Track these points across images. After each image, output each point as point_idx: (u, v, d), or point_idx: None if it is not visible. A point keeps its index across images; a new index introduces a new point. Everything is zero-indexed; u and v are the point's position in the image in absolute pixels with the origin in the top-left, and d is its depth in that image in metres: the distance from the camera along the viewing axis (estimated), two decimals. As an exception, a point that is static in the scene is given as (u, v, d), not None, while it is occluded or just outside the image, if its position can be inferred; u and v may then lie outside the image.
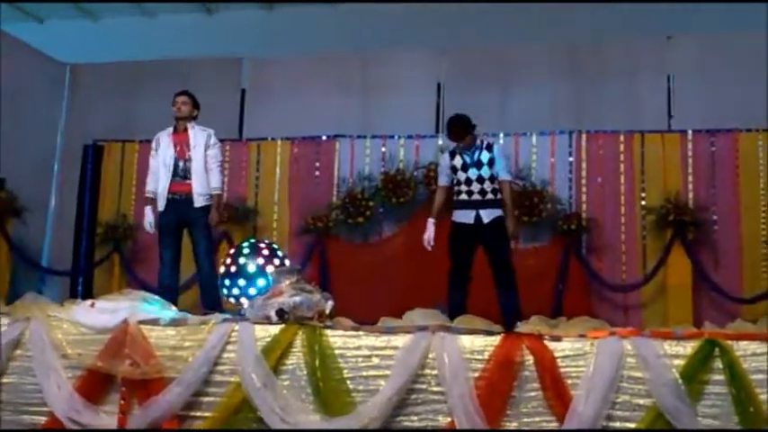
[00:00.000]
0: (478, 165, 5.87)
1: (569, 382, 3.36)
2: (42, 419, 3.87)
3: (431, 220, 5.98)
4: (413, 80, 8.77)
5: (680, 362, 3.29)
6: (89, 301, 4.23)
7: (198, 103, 6.14)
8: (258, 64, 9.25)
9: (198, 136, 6.02)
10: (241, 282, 5.58)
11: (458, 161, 5.93)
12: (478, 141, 5.97)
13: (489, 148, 5.96)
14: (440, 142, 8.31)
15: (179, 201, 5.92)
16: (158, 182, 5.98)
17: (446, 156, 6.06)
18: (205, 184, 5.95)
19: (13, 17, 9.44)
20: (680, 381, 3.23)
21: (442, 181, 6.08)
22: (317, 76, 8.96)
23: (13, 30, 9.02)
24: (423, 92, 8.75)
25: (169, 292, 5.69)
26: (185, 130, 6.03)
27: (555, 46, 8.49)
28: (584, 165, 8.17)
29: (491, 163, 5.89)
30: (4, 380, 3.97)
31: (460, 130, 5.93)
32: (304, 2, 9.22)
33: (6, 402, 3.95)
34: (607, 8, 8.35)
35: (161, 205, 5.97)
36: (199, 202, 5.92)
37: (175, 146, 5.99)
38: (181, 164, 5.96)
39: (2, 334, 3.98)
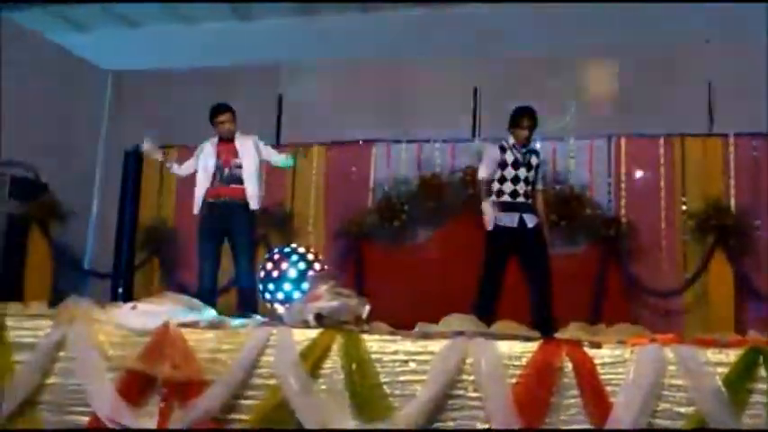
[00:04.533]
0: (528, 166, 5.74)
1: (609, 389, 3.32)
2: (85, 419, 3.93)
3: (487, 203, 5.68)
4: (449, 84, 8.76)
5: (723, 370, 3.24)
6: (130, 304, 4.29)
7: (235, 113, 6.23)
8: (295, 70, 9.32)
9: (245, 143, 6.13)
10: (278, 286, 5.62)
11: (509, 156, 5.71)
12: (531, 143, 5.88)
13: (537, 153, 5.88)
14: (476, 143, 8.28)
15: (223, 205, 6.03)
16: (200, 184, 6.08)
17: (495, 148, 5.78)
18: (259, 186, 6.07)
19: (56, 25, 9.62)
20: (723, 389, 3.18)
21: (486, 173, 5.77)
22: (352, 81, 9.00)
23: (57, 38, 9.21)
24: (459, 96, 8.73)
25: (209, 296, 5.77)
26: (231, 139, 6.12)
27: (592, 50, 8.42)
28: (623, 169, 8.09)
29: (537, 168, 5.81)
30: (49, 381, 4.04)
31: (534, 122, 5.74)
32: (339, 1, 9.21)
33: (50, 402, 4.02)
34: (646, 12, 8.25)
35: (196, 209, 6.05)
36: (254, 204, 6.04)
37: (219, 154, 6.09)
38: (226, 170, 6.07)
39: (45, 336, 4.05)
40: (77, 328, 4.03)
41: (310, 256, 5.88)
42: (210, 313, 4.32)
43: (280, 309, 5.41)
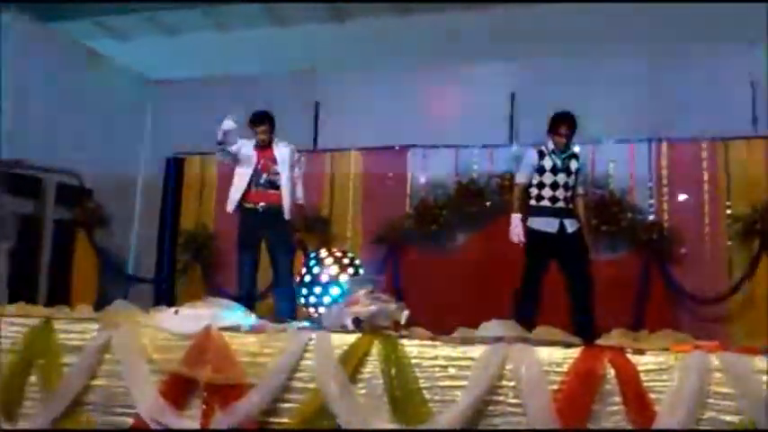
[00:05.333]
0: (567, 172, 5.69)
1: (653, 396, 3.28)
2: (129, 420, 3.99)
3: (517, 216, 5.69)
4: (486, 89, 8.71)
5: (770, 377, 3.18)
6: (173, 309, 4.35)
7: (274, 120, 6.27)
8: (331, 76, 9.34)
9: (283, 151, 6.20)
10: (317, 290, 5.64)
11: (547, 162, 5.67)
12: (571, 147, 5.83)
13: (577, 157, 5.81)
14: (513, 148, 8.24)
15: (262, 211, 6.10)
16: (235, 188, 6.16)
17: (533, 153, 5.74)
18: (291, 198, 6.11)
19: (99, 35, 9.80)
20: (771, 397, 3.12)
21: (523, 179, 5.76)
22: (389, 86, 9.00)
23: (100, 47, 9.39)
24: (496, 101, 8.68)
25: (248, 300, 5.83)
26: (269, 145, 6.18)
27: (632, 52, 8.31)
28: (664, 173, 7.98)
29: (577, 173, 5.75)
30: (95, 382, 4.12)
31: (573, 128, 5.70)
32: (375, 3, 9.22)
33: (96, 404, 4.10)
34: (687, 12, 8.13)
35: (231, 207, 6.16)
36: (287, 215, 6.08)
37: (258, 160, 6.15)
38: (264, 176, 6.13)
39: (92, 339, 4.13)
40: (122, 331, 4.10)
41: (348, 261, 5.89)
42: (251, 317, 4.35)
43: (318, 313, 5.43)
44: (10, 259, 7.45)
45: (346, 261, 5.88)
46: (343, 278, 5.61)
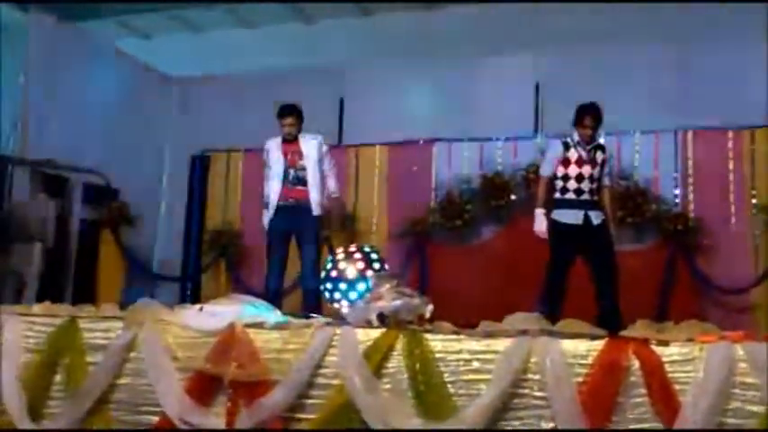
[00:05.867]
0: (593, 163, 5.66)
1: (678, 387, 3.24)
2: (155, 419, 4.02)
3: (540, 211, 5.71)
4: (510, 81, 8.69)
5: (797, 367, 3.14)
6: (197, 306, 4.37)
7: (302, 114, 6.27)
8: (356, 70, 9.36)
9: (309, 145, 6.18)
10: (342, 286, 5.63)
11: (572, 154, 5.65)
12: (596, 139, 5.79)
13: (603, 148, 5.78)
14: (538, 140, 8.21)
15: (291, 207, 6.11)
16: (271, 190, 6.17)
17: (558, 145, 5.73)
18: (321, 192, 6.11)
19: (123, 33, 9.89)
20: (797, 387, 3.09)
21: (548, 171, 5.77)
22: (413, 80, 9.02)
23: (123, 45, 9.48)
24: (521, 92, 8.67)
25: (275, 297, 5.86)
26: (296, 139, 6.19)
27: (657, 42, 8.23)
28: (690, 163, 7.91)
29: (603, 164, 5.72)
30: (120, 381, 4.15)
31: (600, 119, 5.66)
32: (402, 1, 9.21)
33: (122, 402, 4.13)
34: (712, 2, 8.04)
35: (272, 212, 6.13)
36: (316, 210, 6.09)
37: (286, 154, 6.17)
38: (292, 171, 6.15)
39: (117, 337, 4.17)
40: (147, 329, 4.13)
41: (373, 256, 5.88)
42: (276, 314, 4.37)
43: (343, 309, 5.44)
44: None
45: (371, 257, 5.87)
46: (369, 274, 5.60)
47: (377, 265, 5.73)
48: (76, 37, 8.89)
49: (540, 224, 5.70)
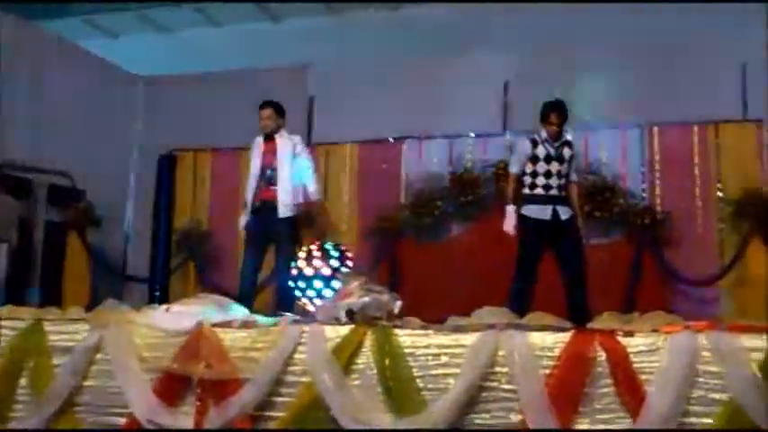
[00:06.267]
0: (560, 160, 5.71)
1: (643, 377, 3.28)
2: (122, 420, 3.99)
3: (511, 208, 5.75)
4: (479, 79, 8.71)
5: (758, 355, 3.18)
6: (164, 306, 4.35)
7: (283, 111, 6.23)
8: (325, 70, 9.34)
9: (284, 144, 6.12)
10: (310, 284, 5.64)
11: (541, 151, 5.70)
12: (563, 135, 5.84)
13: (570, 145, 5.83)
14: (507, 137, 8.25)
15: (265, 208, 6.06)
16: (249, 189, 6.16)
17: (526, 142, 5.77)
18: (290, 193, 6.04)
19: (88, 32, 9.77)
20: (758, 375, 3.13)
21: (516, 168, 5.82)
22: (382, 78, 9.00)
23: (88, 45, 9.36)
24: (490, 90, 8.69)
25: (247, 298, 5.83)
26: (273, 138, 6.14)
27: (623, 38, 8.31)
28: (656, 158, 8.00)
29: (570, 160, 5.77)
30: (87, 383, 4.11)
31: (566, 116, 5.71)
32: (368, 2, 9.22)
33: (89, 404, 4.09)
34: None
35: (248, 212, 6.12)
36: (283, 212, 6.02)
37: (264, 154, 6.13)
38: (268, 172, 6.10)
39: (82, 339, 4.12)
40: (113, 331, 4.09)
41: (341, 254, 5.89)
42: (243, 312, 4.35)
43: (312, 306, 5.44)
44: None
45: (340, 254, 5.88)
46: (337, 271, 5.61)
47: (346, 263, 5.75)
48: (41, 36, 8.77)
49: (510, 222, 5.74)
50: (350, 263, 5.86)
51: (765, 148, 7.62)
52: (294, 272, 5.70)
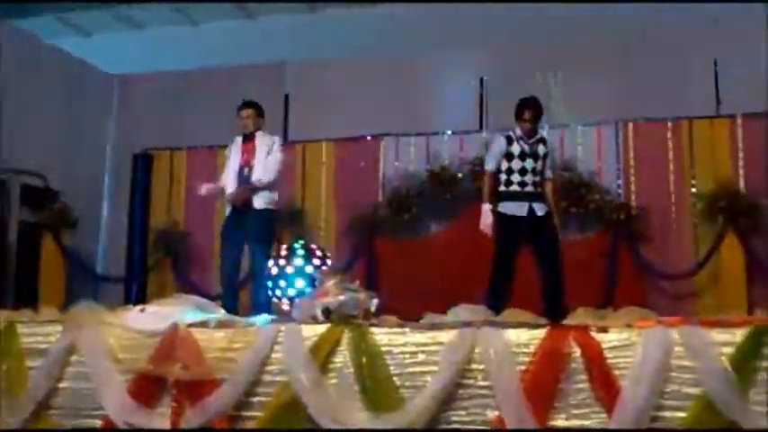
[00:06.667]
0: (535, 157, 5.74)
1: (617, 373, 3.31)
2: (98, 422, 3.95)
3: (487, 206, 5.77)
4: (456, 76, 8.75)
5: (729, 350, 3.22)
6: (139, 307, 4.32)
7: (262, 111, 6.23)
8: (301, 67, 9.32)
9: (261, 144, 6.13)
10: (287, 283, 5.63)
11: (515, 148, 5.72)
12: (538, 132, 5.87)
13: (545, 141, 5.87)
14: (483, 134, 8.28)
15: (242, 207, 6.02)
16: (226, 183, 6.14)
17: (501, 140, 5.80)
18: (266, 192, 6.02)
19: (61, 31, 9.67)
20: (729, 369, 3.17)
21: (491, 166, 5.84)
22: (358, 76, 9.00)
23: (61, 43, 9.27)
24: (466, 88, 8.71)
25: (230, 296, 5.82)
26: (253, 138, 6.13)
27: (599, 36, 8.36)
28: (631, 154, 8.07)
29: (545, 157, 5.80)
30: (61, 385, 4.07)
31: (539, 112, 5.74)
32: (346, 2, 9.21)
33: (64, 406, 4.05)
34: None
35: (227, 210, 6.13)
36: (258, 203, 6.04)
37: (243, 153, 6.13)
38: (245, 170, 6.10)
39: (56, 341, 4.08)
40: (87, 332, 4.05)
41: (317, 252, 5.88)
42: (219, 313, 4.33)
43: (288, 306, 5.42)
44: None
45: (316, 253, 5.86)
46: (313, 270, 5.60)
47: (322, 262, 5.74)
48: (12, 34, 8.67)
49: (486, 221, 5.76)
50: (330, 262, 5.85)
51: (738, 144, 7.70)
52: (275, 270, 5.67)
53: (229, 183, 6.14)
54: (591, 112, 8.20)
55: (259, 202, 6.04)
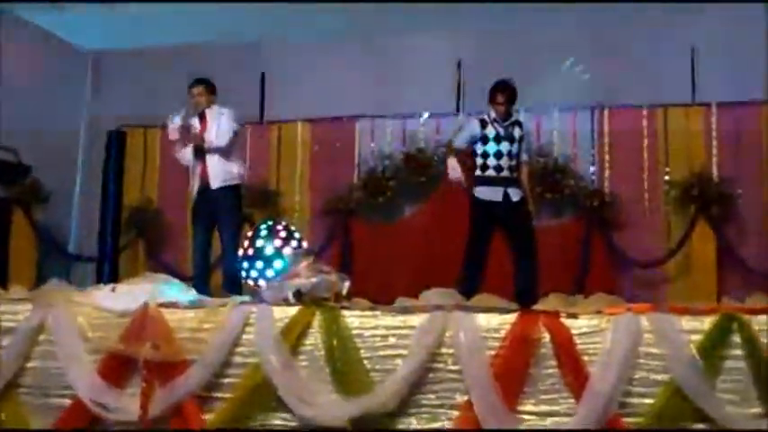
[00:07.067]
0: (511, 140, 5.72)
1: (586, 359, 3.35)
2: (67, 402, 3.92)
3: (453, 160, 5.74)
4: (432, 58, 8.69)
5: (697, 337, 3.26)
6: (110, 286, 4.29)
7: (214, 87, 6.15)
8: (277, 45, 9.22)
9: (213, 118, 6.06)
10: (258, 264, 5.61)
11: (490, 131, 5.70)
12: (513, 116, 5.85)
13: (520, 124, 5.85)
14: (460, 117, 8.26)
15: (204, 185, 5.99)
16: (189, 161, 6.09)
17: (475, 123, 5.78)
18: (220, 165, 5.97)
19: (34, 6, 9.48)
20: (697, 356, 3.21)
21: (461, 144, 5.84)
22: (336, 56, 8.92)
23: (35, 18, 9.09)
24: (442, 70, 8.67)
25: (201, 278, 5.79)
26: (205, 116, 6.08)
27: (576, 20, 8.35)
28: (606, 140, 8.09)
29: (521, 140, 5.79)
30: (29, 364, 4.03)
31: (513, 95, 5.71)
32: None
33: (32, 386, 4.02)
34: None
35: (195, 191, 6.09)
36: (215, 183, 5.96)
37: (200, 131, 6.05)
38: (204, 148, 6.01)
39: (25, 320, 4.04)
40: (56, 311, 4.02)
41: (290, 234, 5.86)
42: (191, 293, 4.31)
43: (260, 287, 5.40)
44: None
45: (288, 234, 5.84)
46: (285, 251, 5.58)
47: (294, 243, 5.73)
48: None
49: (454, 169, 5.71)
50: (303, 243, 5.82)
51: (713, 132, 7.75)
52: (250, 251, 5.64)
53: (194, 163, 6.08)
54: (567, 97, 8.20)
55: (217, 181, 5.97)
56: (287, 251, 5.51)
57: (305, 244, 5.90)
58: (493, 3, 7.95)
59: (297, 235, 5.89)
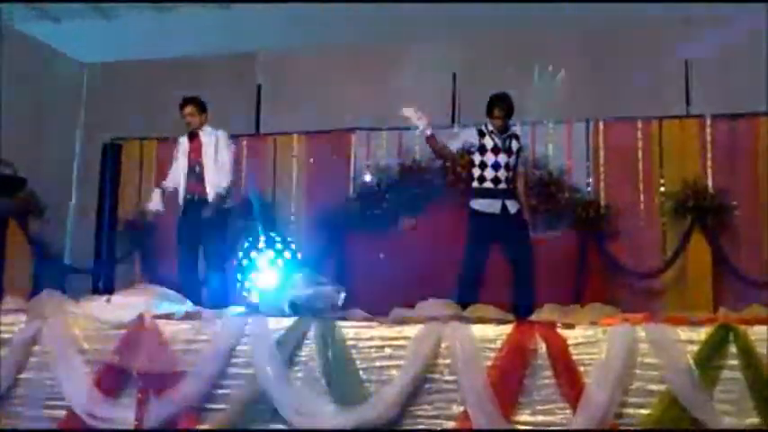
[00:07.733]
0: (508, 152, 5.73)
1: (582, 369, 3.35)
2: (61, 413, 3.91)
3: (409, 110, 5.77)
4: (428, 70, 8.70)
5: (693, 347, 3.26)
6: (105, 297, 4.28)
7: (204, 107, 6.17)
8: (273, 59, 9.24)
9: (207, 140, 6.09)
10: (254, 275, 5.60)
11: (488, 142, 5.68)
12: (510, 129, 5.87)
13: (517, 137, 5.87)
14: (455, 130, 8.26)
15: (193, 202, 6.02)
16: (177, 183, 6.10)
17: (473, 132, 5.78)
18: (214, 177, 6.00)
19: (30, 17, 9.49)
20: (693, 366, 3.20)
21: (455, 147, 5.87)
22: (331, 69, 8.94)
23: (31, 30, 9.11)
24: (437, 82, 8.68)
25: (191, 291, 5.76)
26: (197, 135, 6.08)
27: (570, 33, 8.39)
28: (601, 152, 8.10)
29: (518, 153, 5.80)
30: (23, 375, 4.02)
31: (511, 109, 5.73)
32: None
33: (26, 397, 4.00)
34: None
35: (181, 208, 6.09)
36: (213, 197, 5.96)
37: (190, 152, 6.09)
38: (196, 168, 6.06)
39: (20, 331, 4.03)
40: (51, 322, 4.02)
41: (285, 245, 5.86)
42: (186, 305, 4.30)
43: (255, 298, 5.40)
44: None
45: (284, 245, 5.84)
46: (281, 263, 5.58)
47: (290, 254, 5.72)
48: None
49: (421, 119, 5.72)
50: (298, 254, 5.83)
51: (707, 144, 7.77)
52: (236, 263, 5.64)
53: (181, 183, 6.09)
54: (562, 110, 8.21)
55: (216, 195, 5.98)
56: (282, 263, 5.51)
57: (300, 255, 5.89)
58: (491, 2, 7.98)
59: (292, 246, 5.89)
